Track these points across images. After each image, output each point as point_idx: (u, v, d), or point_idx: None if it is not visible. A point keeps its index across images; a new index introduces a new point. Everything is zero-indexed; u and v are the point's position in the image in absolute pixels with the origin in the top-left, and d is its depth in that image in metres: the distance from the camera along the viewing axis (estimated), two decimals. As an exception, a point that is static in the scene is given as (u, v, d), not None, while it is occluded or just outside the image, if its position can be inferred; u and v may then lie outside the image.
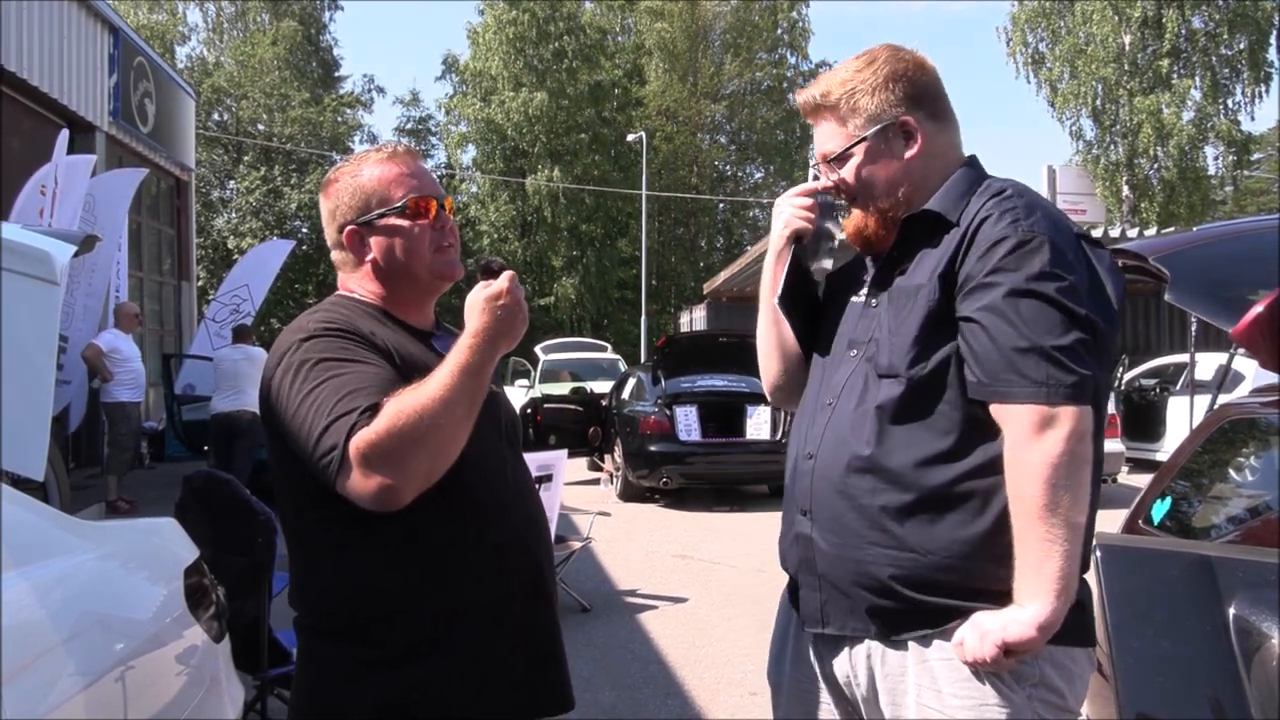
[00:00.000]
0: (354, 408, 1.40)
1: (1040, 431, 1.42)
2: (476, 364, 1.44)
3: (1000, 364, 1.45)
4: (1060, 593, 1.41)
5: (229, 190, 30.71)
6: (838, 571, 1.57)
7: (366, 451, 1.37)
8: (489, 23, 32.99)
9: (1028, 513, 1.42)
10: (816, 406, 1.67)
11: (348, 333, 1.53)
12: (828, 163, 1.70)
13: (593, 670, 4.58)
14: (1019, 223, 1.50)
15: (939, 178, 1.65)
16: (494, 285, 1.48)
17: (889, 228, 1.66)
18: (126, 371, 8.48)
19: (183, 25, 33.70)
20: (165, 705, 1.98)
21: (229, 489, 3.23)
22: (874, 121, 1.63)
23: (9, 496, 1.82)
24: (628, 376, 11.61)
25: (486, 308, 1.46)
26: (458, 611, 1.53)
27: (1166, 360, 12.81)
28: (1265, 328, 2.18)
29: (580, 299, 33.33)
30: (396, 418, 1.38)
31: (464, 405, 1.42)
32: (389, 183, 1.63)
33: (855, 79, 1.65)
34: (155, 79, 12.95)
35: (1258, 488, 2.80)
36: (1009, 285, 1.46)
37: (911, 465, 1.51)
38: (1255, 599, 1.12)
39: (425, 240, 1.64)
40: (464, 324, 1.49)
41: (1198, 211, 23.71)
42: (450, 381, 1.41)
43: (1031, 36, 24.79)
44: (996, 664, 1.43)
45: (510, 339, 1.48)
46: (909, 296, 1.57)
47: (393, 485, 1.38)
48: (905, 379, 1.53)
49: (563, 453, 5.91)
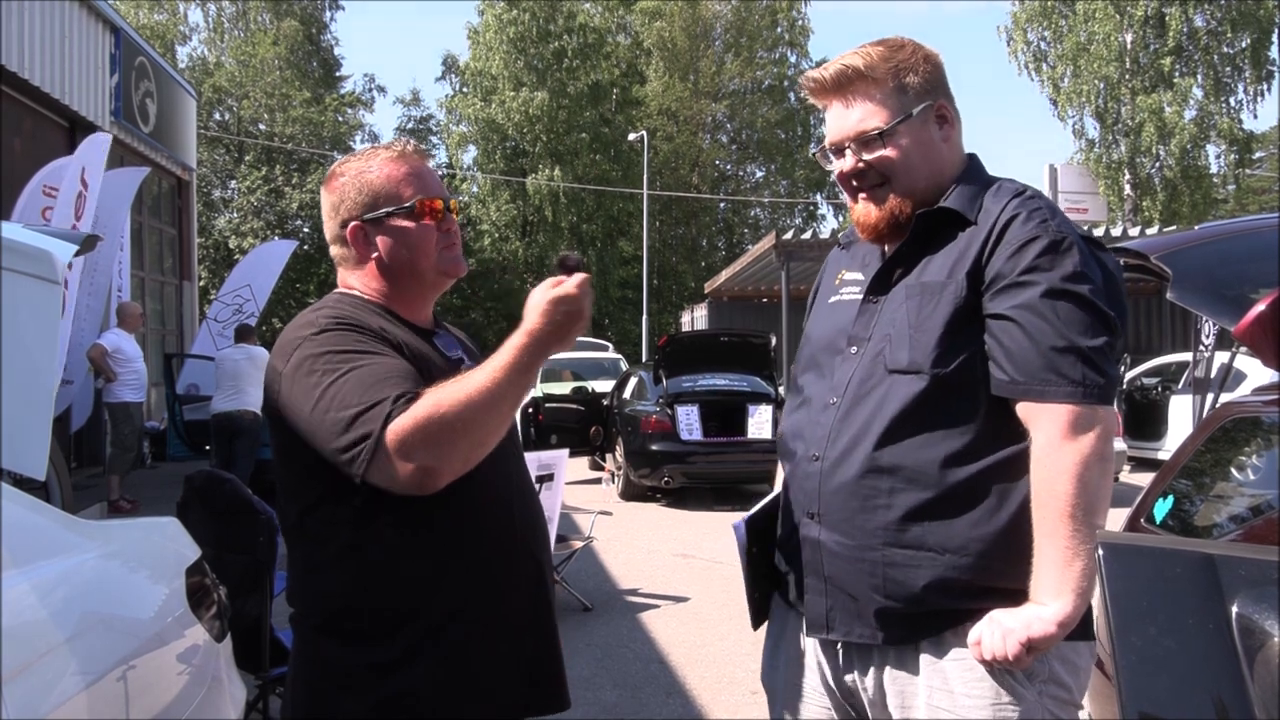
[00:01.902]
0: (385, 396, 1.41)
1: (1075, 431, 1.42)
2: (525, 363, 1.42)
3: (1038, 362, 1.44)
4: (1083, 592, 1.41)
5: (230, 190, 30.72)
6: (848, 575, 1.55)
7: (406, 437, 1.37)
8: (489, 22, 32.97)
9: (1058, 511, 1.41)
10: (819, 406, 1.63)
11: (358, 326, 1.53)
12: (862, 142, 1.61)
13: (594, 669, 4.58)
14: (1048, 223, 1.50)
15: (954, 171, 1.63)
16: (563, 288, 1.44)
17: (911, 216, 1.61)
18: (129, 371, 8.50)
19: (184, 25, 33.73)
20: (167, 705, 1.98)
21: (231, 488, 3.23)
22: (921, 99, 1.60)
23: (10, 496, 1.82)
24: (629, 376, 11.61)
25: (549, 309, 1.43)
26: (457, 611, 1.53)
27: (1168, 359, 12.81)
28: (1268, 326, 2.17)
29: (581, 298, 33.27)
30: (438, 405, 1.38)
31: (508, 402, 1.43)
32: (398, 181, 1.63)
33: (897, 56, 1.60)
34: (157, 79, 12.96)
35: (1260, 486, 2.79)
36: (1046, 284, 1.45)
37: (932, 463, 1.49)
38: (1258, 597, 1.12)
39: (431, 240, 1.64)
40: (463, 324, 1.48)
41: (1200, 210, 23.71)
42: (498, 376, 1.41)
43: (1033, 35, 24.79)
44: (1017, 661, 1.42)
45: (563, 344, 1.46)
46: (933, 293, 1.53)
47: (433, 468, 1.39)
48: (929, 375, 1.50)
49: (564, 452, 5.91)
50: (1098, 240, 1.58)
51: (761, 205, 39.99)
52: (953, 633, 1.50)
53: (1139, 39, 23.29)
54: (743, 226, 40.28)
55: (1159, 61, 23.08)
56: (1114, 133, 24.01)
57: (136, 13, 30.78)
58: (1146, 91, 23.15)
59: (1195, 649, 1.15)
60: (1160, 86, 23.13)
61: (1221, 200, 28.74)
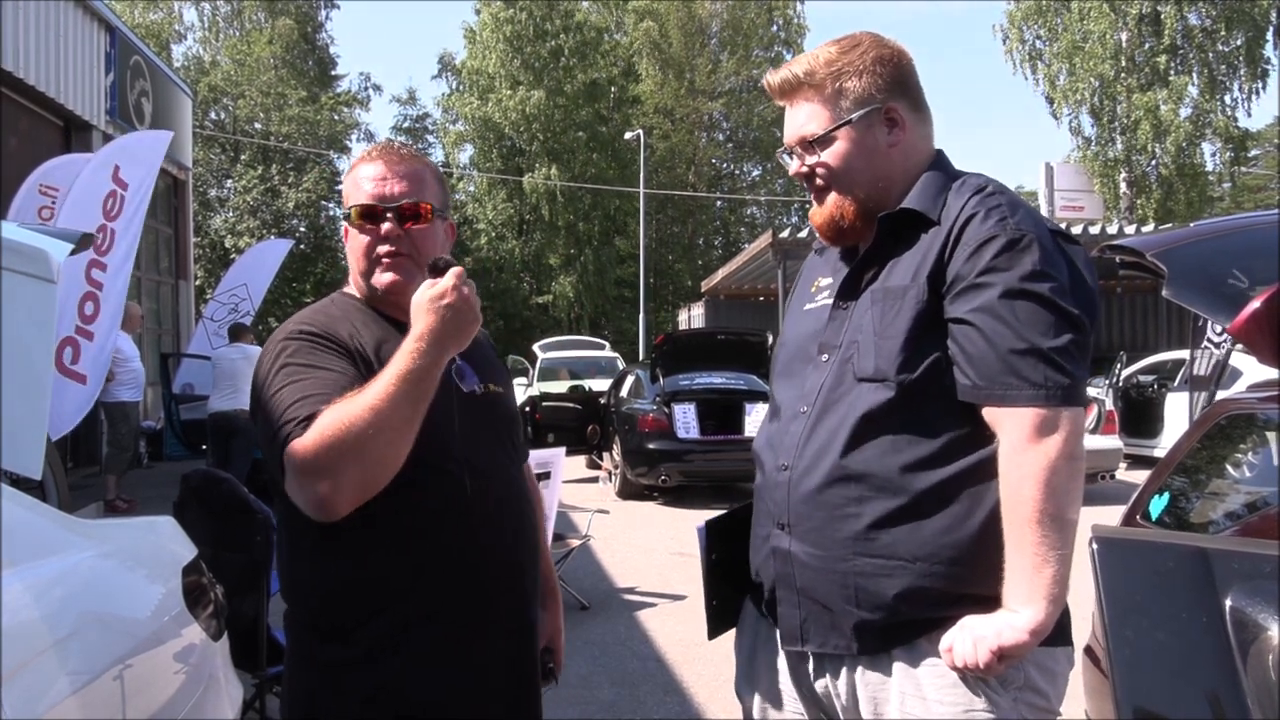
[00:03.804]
0: (294, 417, 1.39)
1: (1039, 434, 1.39)
2: (420, 369, 1.37)
3: (997, 366, 1.41)
4: (1055, 598, 1.38)
5: (226, 189, 30.66)
6: (820, 585, 1.52)
7: (298, 462, 1.35)
8: (485, 20, 32.95)
9: (1024, 517, 1.38)
10: (789, 415, 1.61)
11: (320, 336, 1.51)
12: (804, 146, 1.61)
13: (592, 668, 4.58)
14: (1006, 221, 1.46)
15: (914, 171, 1.60)
16: (438, 285, 1.42)
17: (865, 219, 1.59)
18: (127, 371, 8.49)
19: (179, 24, 33.67)
20: (163, 704, 1.98)
21: (227, 488, 3.23)
22: (860, 105, 1.57)
23: (6, 495, 1.82)
24: (626, 374, 11.61)
25: (430, 308, 1.41)
26: (437, 611, 1.52)
27: (1164, 356, 12.82)
28: (1263, 323, 2.18)
29: (578, 297, 33.32)
30: (325, 428, 1.34)
31: (403, 413, 1.36)
32: (353, 184, 1.63)
33: (841, 60, 1.58)
34: (152, 78, 12.93)
35: (1255, 483, 2.80)
36: (1003, 286, 1.42)
37: (898, 470, 1.46)
38: (1252, 591, 1.13)
39: (360, 248, 1.60)
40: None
41: (1195, 208, 23.74)
42: (388, 390, 1.36)
43: (1029, 33, 24.81)
44: (989, 669, 1.40)
45: (459, 341, 1.43)
46: (895, 298, 1.51)
47: (324, 496, 1.36)
48: (895, 383, 1.47)
49: (561, 450, 5.91)
50: (1068, 234, 1.54)
51: (758, 204, 40.00)
52: (926, 639, 1.47)
53: (1134, 37, 23.31)
54: (739, 225, 40.30)
55: (1154, 59, 23.11)
56: (1110, 130, 24.04)
57: (132, 11, 30.72)
58: (1142, 89, 23.18)
59: (1189, 643, 1.16)
60: (1156, 84, 23.16)
61: (1217, 198, 28.79)
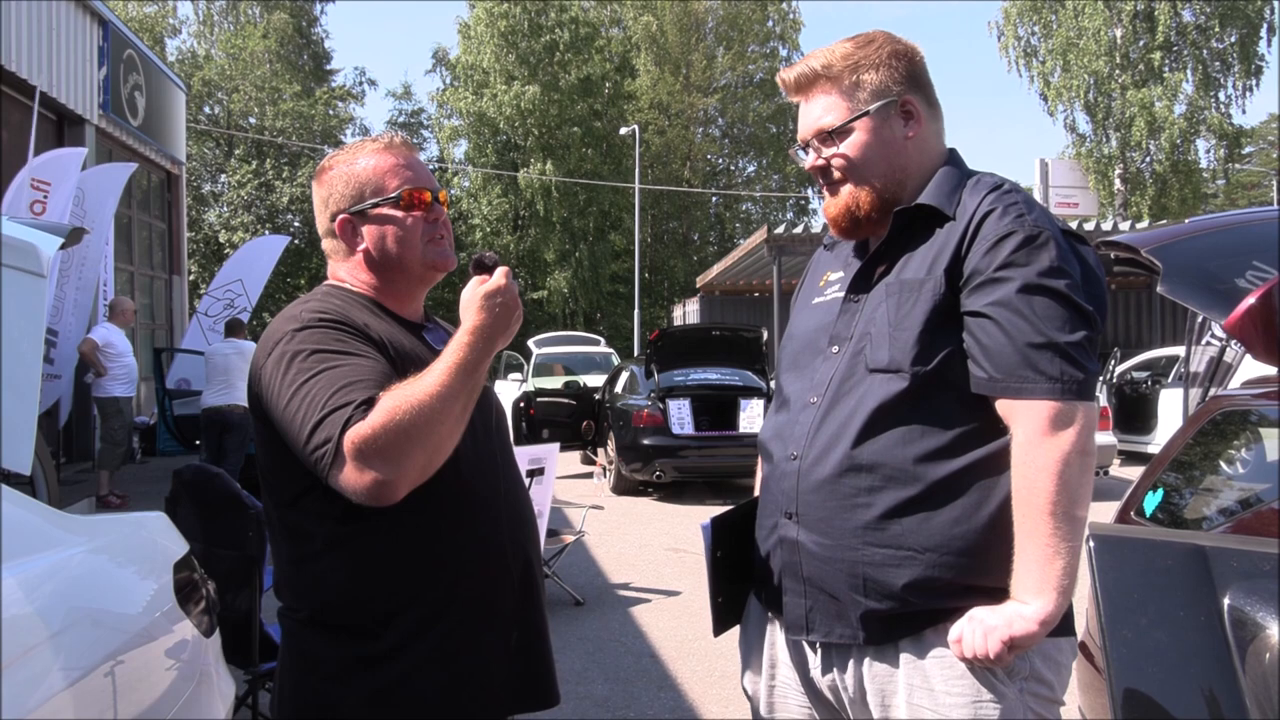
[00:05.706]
0: (349, 401, 1.39)
1: (1054, 428, 1.41)
2: (473, 361, 1.42)
3: (1015, 359, 1.43)
4: (1065, 590, 1.40)
5: (220, 184, 30.59)
6: (827, 575, 1.53)
7: (361, 446, 1.36)
8: (480, 15, 32.88)
9: (1038, 509, 1.40)
10: (798, 406, 1.63)
11: (341, 323, 1.51)
12: (821, 139, 1.63)
13: (586, 663, 4.58)
14: (1024, 217, 1.49)
15: (929, 166, 1.62)
16: (490, 282, 1.48)
17: (881, 211, 1.62)
18: (120, 366, 8.47)
19: (173, 18, 33.61)
20: (155, 700, 1.97)
21: (220, 483, 3.22)
22: (878, 96, 1.60)
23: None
24: (620, 370, 11.61)
25: (484, 304, 1.46)
26: (445, 606, 1.53)
27: (1158, 353, 12.86)
28: (1258, 320, 2.18)
29: (573, 293, 33.31)
30: (393, 413, 1.36)
31: (461, 402, 1.41)
32: (384, 173, 1.63)
33: (858, 53, 1.61)
34: (145, 72, 12.88)
35: (1249, 480, 2.80)
36: (1021, 280, 1.44)
37: (912, 461, 1.48)
38: (1250, 589, 1.12)
39: (418, 231, 1.63)
40: (457, 318, 1.48)
41: (1189, 204, 23.83)
42: (447, 378, 1.39)
43: (1023, 30, 24.85)
44: (998, 660, 1.41)
45: (506, 335, 1.48)
46: (911, 290, 1.52)
47: (387, 480, 1.37)
48: (909, 374, 1.49)
49: (555, 446, 5.90)
50: (1078, 234, 1.56)
51: (753, 199, 40.02)
52: (933, 631, 1.48)
53: (1128, 34, 23.36)
54: (734, 221, 40.32)
55: (1148, 56, 23.16)
56: (1104, 127, 24.09)
57: (125, 6, 30.62)
58: (1136, 86, 23.23)
59: (1186, 641, 1.15)
60: (1150, 81, 23.21)
61: (1211, 195, 28.89)
